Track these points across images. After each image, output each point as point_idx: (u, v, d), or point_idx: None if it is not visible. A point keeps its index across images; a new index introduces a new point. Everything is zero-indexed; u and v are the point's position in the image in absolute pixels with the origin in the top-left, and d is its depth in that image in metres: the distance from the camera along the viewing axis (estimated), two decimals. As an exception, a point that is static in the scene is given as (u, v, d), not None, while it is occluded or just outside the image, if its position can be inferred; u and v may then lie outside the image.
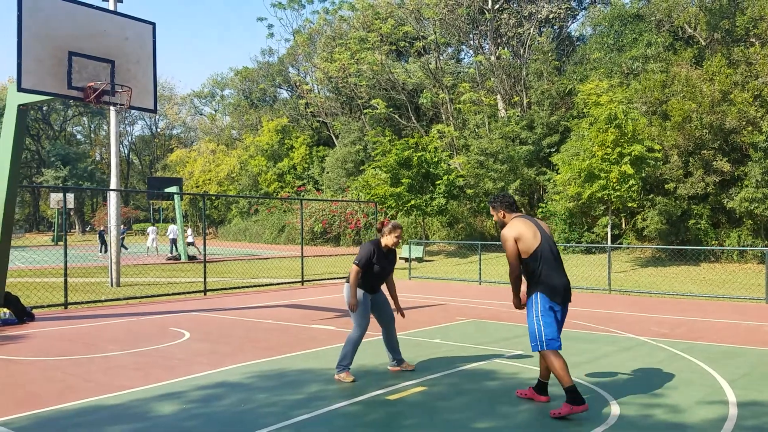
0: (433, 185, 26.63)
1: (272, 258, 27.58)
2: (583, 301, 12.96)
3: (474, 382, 6.19)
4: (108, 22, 9.96)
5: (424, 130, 36.73)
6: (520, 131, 31.13)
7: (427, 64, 37.48)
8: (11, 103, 10.13)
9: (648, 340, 8.39)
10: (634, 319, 10.48)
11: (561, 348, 5.12)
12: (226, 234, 49.42)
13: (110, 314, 11.32)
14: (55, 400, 5.56)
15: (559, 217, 26.43)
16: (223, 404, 5.45)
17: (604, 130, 20.17)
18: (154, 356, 7.50)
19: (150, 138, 79.81)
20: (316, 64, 45.63)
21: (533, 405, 5.39)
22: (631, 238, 25.19)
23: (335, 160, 41.50)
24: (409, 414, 5.17)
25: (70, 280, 13.57)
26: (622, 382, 6.13)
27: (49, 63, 9.13)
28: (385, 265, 6.31)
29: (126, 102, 9.95)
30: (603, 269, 18.21)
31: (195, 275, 19.12)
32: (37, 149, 71.38)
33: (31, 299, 12.49)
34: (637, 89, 24.71)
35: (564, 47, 37.38)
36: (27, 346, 8.30)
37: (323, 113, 47.21)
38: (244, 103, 57.63)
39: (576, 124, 24.80)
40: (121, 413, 5.19)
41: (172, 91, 75.51)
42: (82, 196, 67.40)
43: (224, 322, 10.32)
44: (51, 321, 10.54)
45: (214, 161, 53.84)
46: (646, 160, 20.37)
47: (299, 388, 6.00)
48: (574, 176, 21.23)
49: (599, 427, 4.79)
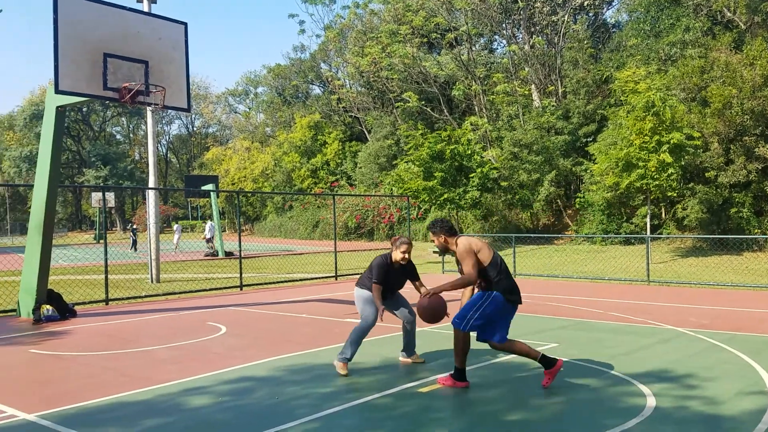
0: (467, 178, 26.45)
1: (307, 253, 27.81)
2: (620, 293, 12.74)
3: (506, 374, 6.16)
4: (141, 23, 10.15)
5: (456, 123, 36.48)
6: (556, 121, 30.70)
7: (459, 55, 37.21)
8: (50, 105, 10.42)
9: (687, 331, 8.21)
10: (672, 310, 10.27)
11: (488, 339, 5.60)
12: (261, 230, 50.00)
13: (150, 310, 11.57)
14: (94, 394, 5.71)
15: (597, 208, 26.01)
16: (255, 397, 5.53)
17: (642, 118, 19.74)
18: (191, 350, 7.64)
19: (187, 137, 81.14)
20: (348, 59, 45.73)
21: (565, 397, 5.33)
22: (671, 227, 24.66)
23: (368, 155, 41.57)
24: (440, 406, 5.17)
25: (111, 277, 13.91)
26: (659, 374, 6.02)
27: (85, 65, 9.34)
28: (398, 277, 6.44)
29: (160, 102, 10.12)
30: (642, 260, 17.88)
31: (231, 271, 19.40)
32: (78, 150, 73.27)
33: (74, 296, 12.85)
34: (675, 76, 24.12)
35: (599, 34, 36.66)
36: (68, 341, 8.55)
37: (355, 108, 47.32)
38: (277, 100, 58.12)
39: (613, 113, 24.32)
40: (155, 406, 5.31)
41: (207, 90, 76.62)
42: (122, 195, 69.00)
43: (259, 316, 10.46)
44: (92, 317, 10.82)
45: (248, 158, 54.49)
46: (685, 148, 19.88)
47: (331, 381, 6.04)
48: (611, 166, 20.83)
49: (634, 419, 4.71)
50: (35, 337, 8.94)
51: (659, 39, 27.64)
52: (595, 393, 5.45)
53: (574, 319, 9.42)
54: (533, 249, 25.62)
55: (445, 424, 4.75)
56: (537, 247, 26.18)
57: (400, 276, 6.48)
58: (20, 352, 7.82)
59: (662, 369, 6.22)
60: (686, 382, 5.73)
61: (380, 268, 6.29)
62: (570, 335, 8.13)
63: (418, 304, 5.84)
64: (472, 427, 4.66)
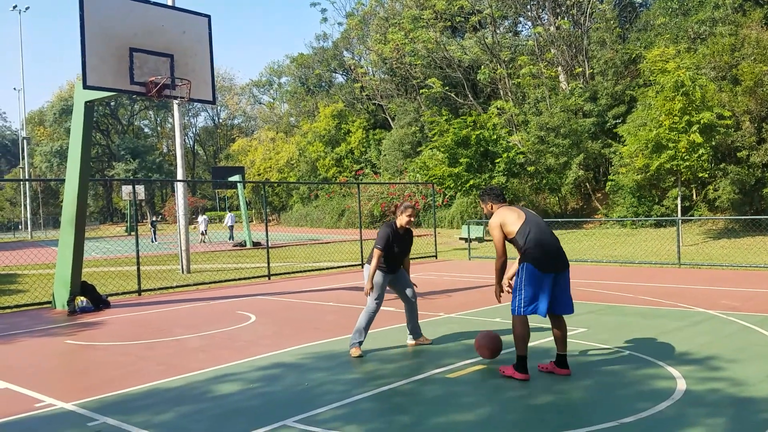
0: (492, 163, 26.31)
1: (333, 242, 27.95)
2: (651, 276, 12.58)
3: (532, 359, 6.13)
4: (165, 17, 10.23)
5: (481, 108, 36.21)
6: (583, 103, 30.28)
7: (484, 39, 36.84)
8: (78, 100, 10.60)
9: (718, 314, 8.09)
10: (704, 292, 10.12)
11: (545, 314, 5.39)
12: (288, 220, 50.35)
13: (181, 300, 11.77)
14: (129, 383, 5.85)
15: (627, 191, 25.65)
16: (284, 384, 5.60)
17: (671, 98, 19.37)
18: (221, 339, 7.77)
19: (213, 129, 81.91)
20: (370, 47, 45.59)
21: (594, 380, 5.30)
22: (702, 209, 24.24)
23: (392, 142, 41.51)
24: (468, 392, 5.18)
25: (142, 268, 14.16)
26: (689, 357, 5.95)
27: (112, 60, 9.46)
28: (403, 246, 6.61)
29: (186, 95, 10.21)
30: (672, 243, 17.62)
31: (259, 261, 19.60)
32: (107, 144, 74.49)
33: (107, 287, 13.12)
34: (705, 54, 23.60)
35: (626, 14, 35.98)
36: (102, 331, 8.75)
37: (379, 96, 47.22)
38: (301, 89, 58.28)
39: (642, 93, 23.92)
40: (186, 394, 5.42)
41: (231, 82, 77.16)
42: (151, 188, 70.04)
43: (287, 305, 10.57)
44: (125, 307, 11.05)
45: (274, 149, 54.81)
46: (716, 128, 19.49)
47: (357, 367, 6.10)
48: (641, 147, 20.51)
49: (664, 402, 4.67)
50: (70, 328, 9.17)
51: (688, 17, 27.02)
52: (625, 376, 5.41)
53: (603, 304, 9.34)
54: (562, 234, 25.39)
55: (474, 409, 4.76)
56: (566, 232, 25.95)
57: (405, 243, 6.64)
58: (56, 343, 8.03)
59: (693, 352, 6.15)
60: (717, 364, 5.66)
61: (385, 234, 6.47)
62: (599, 320, 8.07)
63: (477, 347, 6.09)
64: (501, 412, 4.67)
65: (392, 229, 6.54)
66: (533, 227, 5.44)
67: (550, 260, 5.38)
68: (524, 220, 5.47)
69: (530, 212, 5.63)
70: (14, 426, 4.77)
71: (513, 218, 5.50)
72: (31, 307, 11.41)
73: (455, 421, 4.50)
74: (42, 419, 4.91)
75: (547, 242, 5.41)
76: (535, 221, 5.51)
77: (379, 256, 6.41)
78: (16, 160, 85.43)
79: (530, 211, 5.67)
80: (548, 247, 5.40)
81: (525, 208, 5.68)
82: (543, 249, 5.37)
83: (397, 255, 6.58)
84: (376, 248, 6.42)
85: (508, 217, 5.53)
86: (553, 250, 5.42)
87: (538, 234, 5.41)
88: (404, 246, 6.62)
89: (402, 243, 6.60)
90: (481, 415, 4.62)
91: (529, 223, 5.46)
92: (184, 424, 4.65)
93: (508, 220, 5.51)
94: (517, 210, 5.59)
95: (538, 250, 5.36)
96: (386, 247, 6.46)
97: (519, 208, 5.63)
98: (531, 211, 5.66)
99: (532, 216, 5.57)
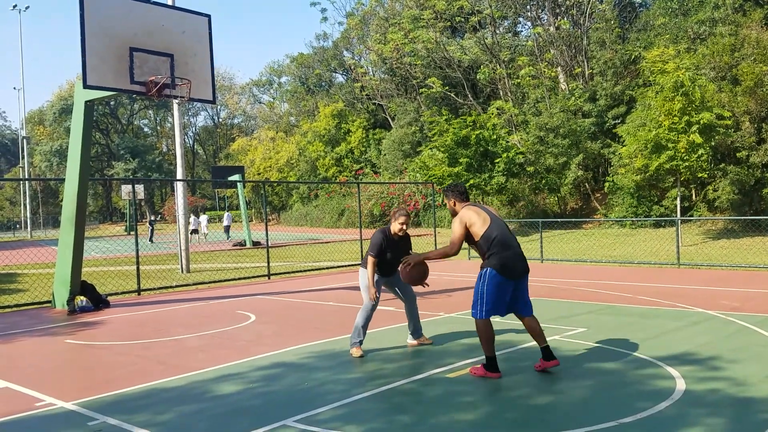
0: (492, 163, 26.29)
1: (333, 242, 27.96)
2: (649, 277, 12.59)
3: (533, 359, 6.14)
4: (165, 16, 10.24)
5: (481, 108, 36.22)
6: (583, 104, 30.28)
7: (483, 39, 36.85)
8: (78, 99, 10.60)
9: (717, 314, 8.10)
10: (703, 293, 10.13)
11: (503, 315, 5.64)
12: (288, 219, 50.37)
13: (181, 299, 11.77)
14: (129, 382, 5.85)
15: (626, 191, 25.66)
16: (284, 383, 5.61)
17: (671, 99, 19.38)
18: (221, 338, 7.77)
19: (213, 128, 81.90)
20: (370, 47, 45.59)
21: (594, 380, 5.31)
22: (702, 209, 24.25)
23: (392, 142, 41.52)
24: (468, 391, 5.19)
25: (142, 267, 14.16)
26: (689, 357, 5.96)
27: (112, 59, 9.46)
28: (396, 253, 6.54)
29: (186, 94, 10.21)
30: (672, 243, 17.63)
31: (259, 260, 19.61)
32: (107, 143, 74.45)
33: (107, 287, 13.12)
34: (704, 54, 23.60)
35: (626, 14, 35.97)
36: (102, 331, 8.75)
37: (379, 95, 47.22)
38: (301, 89, 58.28)
39: (641, 94, 23.92)
40: (186, 394, 5.42)
41: (231, 81, 77.14)
42: (151, 187, 70.00)
43: (288, 304, 10.57)
44: (125, 307, 11.05)
45: (273, 149, 54.81)
46: (715, 128, 19.50)
47: (358, 367, 6.10)
48: (640, 148, 20.51)
49: (664, 402, 4.68)
50: (70, 327, 9.17)
51: (688, 17, 27.03)
52: (625, 376, 5.42)
53: (602, 304, 9.35)
54: (561, 234, 25.40)
55: (474, 408, 4.77)
56: (565, 232, 25.96)
57: (399, 248, 6.58)
58: (56, 342, 8.04)
59: (692, 352, 6.15)
60: (717, 365, 5.67)
61: (378, 241, 6.47)
62: (598, 320, 8.08)
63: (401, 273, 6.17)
64: (501, 412, 4.67)
65: (385, 234, 6.53)
66: (498, 232, 5.50)
67: (514, 266, 5.48)
68: (489, 224, 5.52)
69: (494, 214, 5.67)
70: (15, 425, 4.78)
71: (479, 220, 5.54)
72: (30, 306, 11.41)
73: (456, 420, 4.51)
74: (42, 418, 4.91)
75: (511, 248, 5.49)
76: (499, 224, 5.57)
77: (373, 263, 6.43)
78: (15, 160, 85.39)
79: (493, 213, 5.71)
80: (512, 253, 5.48)
81: (488, 209, 5.72)
82: (507, 255, 5.45)
83: (390, 260, 6.55)
84: (370, 255, 6.44)
85: (474, 217, 5.56)
86: (517, 256, 5.51)
87: (503, 239, 5.48)
88: (398, 252, 6.53)
89: (396, 249, 6.54)
90: (481, 415, 4.62)
91: (494, 228, 5.51)
92: (185, 423, 4.66)
93: (475, 221, 5.54)
94: (483, 212, 5.62)
95: (503, 256, 5.44)
96: (379, 254, 6.46)
97: (483, 209, 5.67)
98: (494, 213, 5.71)
99: (496, 219, 5.62)
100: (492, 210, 5.77)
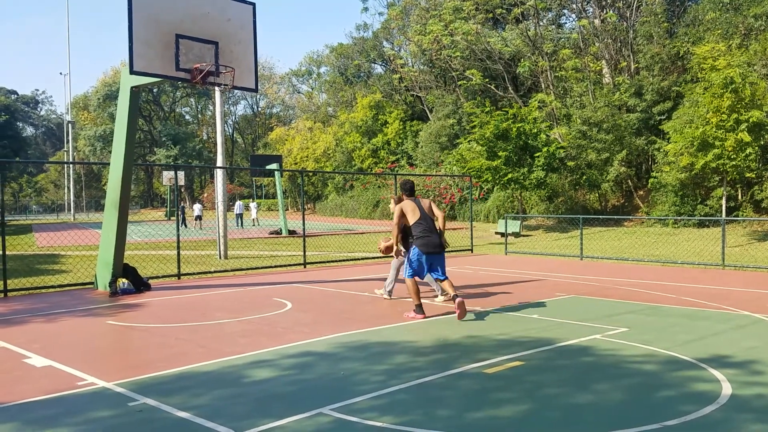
0: (532, 158, 25.91)
1: (367, 233, 27.99)
2: (694, 277, 12.27)
3: (572, 358, 6.04)
4: (210, 4, 10.31)
5: (521, 101, 35.73)
6: (628, 99, 29.62)
7: (526, 30, 36.26)
8: (124, 85, 10.77)
9: (764, 318, 7.84)
10: (749, 295, 9.82)
11: (423, 278, 8.49)
12: (323, 209, 50.61)
13: (219, 285, 11.93)
14: (168, 365, 5.93)
15: (670, 189, 25.04)
16: (320, 371, 5.62)
17: (720, 96, 18.81)
18: (260, 324, 7.84)
19: (252, 117, 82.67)
20: (410, 38, 45.33)
21: (636, 381, 5.18)
22: (748, 210, 23.54)
23: (429, 134, 41.28)
24: (505, 388, 5.12)
25: (182, 252, 14.40)
26: (735, 361, 5.77)
27: (158, 46, 9.59)
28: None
29: (229, 82, 10.29)
30: (716, 244, 17.15)
31: (295, 249, 19.75)
32: (149, 130, 75.82)
33: (148, 270, 13.37)
34: (757, 51, 22.82)
35: (674, 8, 35.02)
36: (144, 313, 8.91)
37: (417, 87, 46.97)
38: (340, 79, 58.33)
39: (689, 90, 23.28)
40: (225, 377, 5.47)
41: (271, 71, 77.62)
42: (191, 174, 71.12)
43: (323, 293, 10.62)
44: (165, 290, 11.24)
45: (311, 138, 55.06)
46: (765, 127, 18.86)
47: (392, 359, 6.08)
48: (686, 145, 19.97)
49: (709, 406, 4.54)
50: (112, 309, 9.37)
51: (739, 12, 26.16)
52: (668, 378, 5.28)
53: (645, 304, 9.14)
54: (601, 231, 24.96)
55: (512, 405, 4.70)
56: (606, 229, 25.49)
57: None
58: (98, 323, 8.21)
59: (738, 356, 5.96)
60: (764, 369, 5.48)
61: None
62: (641, 320, 7.90)
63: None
64: (540, 410, 4.59)
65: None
66: (423, 224, 8.04)
67: (429, 248, 8.03)
68: (418, 218, 8.06)
69: (424, 211, 8.12)
70: (57, 403, 4.89)
71: (412, 213, 8.10)
72: (73, 287, 11.69)
73: (494, 416, 4.45)
74: (84, 397, 5.01)
75: (429, 235, 8.02)
76: (425, 217, 8.08)
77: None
78: (60, 144, 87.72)
79: (424, 205, 8.19)
80: (429, 240, 8.02)
81: (421, 206, 8.14)
82: (426, 241, 8.03)
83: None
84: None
85: (409, 210, 8.14)
86: (433, 242, 8.03)
87: (425, 231, 8.04)
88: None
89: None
90: (520, 413, 4.55)
91: (421, 221, 8.05)
92: (222, 406, 4.70)
93: (409, 212, 8.13)
94: (418, 208, 8.13)
95: (423, 240, 8.03)
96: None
97: (418, 205, 8.15)
98: (425, 209, 8.13)
99: (424, 214, 8.10)
100: (424, 202, 8.23)
